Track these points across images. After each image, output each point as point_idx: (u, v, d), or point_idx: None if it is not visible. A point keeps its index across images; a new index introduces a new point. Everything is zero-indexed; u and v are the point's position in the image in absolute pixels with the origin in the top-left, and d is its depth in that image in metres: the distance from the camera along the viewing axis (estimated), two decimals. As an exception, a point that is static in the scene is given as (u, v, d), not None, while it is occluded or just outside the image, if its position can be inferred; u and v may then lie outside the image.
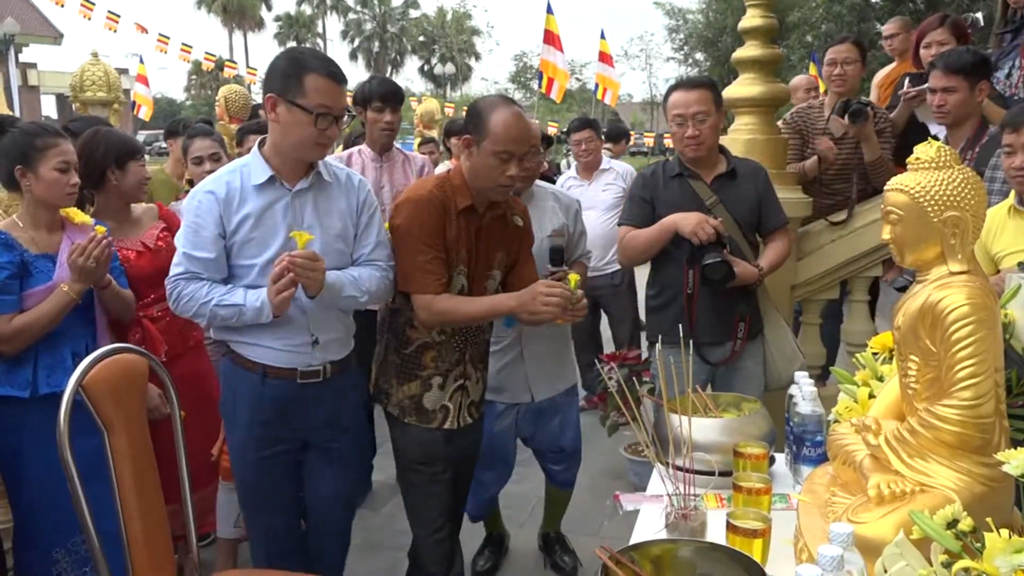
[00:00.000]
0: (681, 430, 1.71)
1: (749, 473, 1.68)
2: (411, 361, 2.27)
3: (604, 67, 10.99)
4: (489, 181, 2.17)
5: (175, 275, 2.11)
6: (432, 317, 2.18)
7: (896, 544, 1.16)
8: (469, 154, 2.19)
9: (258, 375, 2.14)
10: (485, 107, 2.18)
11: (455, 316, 2.19)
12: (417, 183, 2.28)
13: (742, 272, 2.71)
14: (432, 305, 2.17)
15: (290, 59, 2.05)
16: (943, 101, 2.88)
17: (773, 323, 2.94)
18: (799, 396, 1.87)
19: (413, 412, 2.27)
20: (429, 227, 2.16)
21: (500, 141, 2.13)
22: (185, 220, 2.11)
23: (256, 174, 2.11)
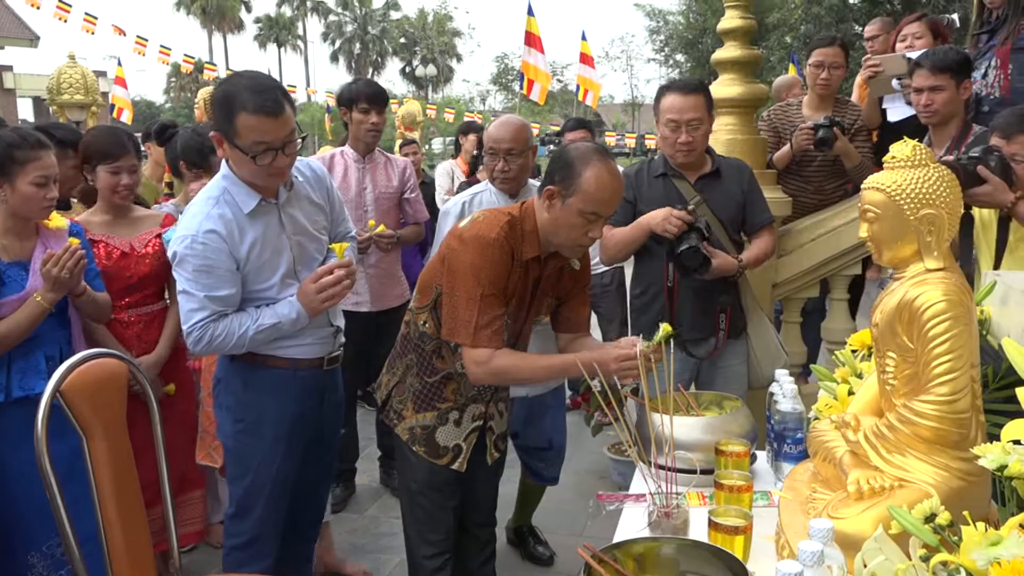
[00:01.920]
0: (663, 429, 1.71)
1: (731, 471, 1.69)
2: (432, 390, 2.15)
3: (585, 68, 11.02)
4: (568, 240, 2.00)
5: (200, 320, 2.11)
6: (486, 374, 1.99)
7: (875, 539, 1.17)
8: (550, 206, 1.98)
9: (290, 371, 2.26)
10: (578, 159, 1.96)
11: (513, 377, 2.02)
12: (485, 219, 2.01)
13: (721, 263, 2.70)
14: (491, 362, 1.96)
15: (223, 97, 2.04)
16: (930, 100, 2.87)
17: (757, 321, 2.97)
18: (780, 394, 1.88)
19: (423, 443, 2.16)
20: (497, 273, 1.96)
21: (591, 201, 1.94)
22: (189, 265, 2.10)
23: (245, 202, 2.14)
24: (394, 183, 3.65)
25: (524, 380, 2.07)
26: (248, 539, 2.33)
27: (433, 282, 2.09)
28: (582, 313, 2.27)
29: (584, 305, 2.28)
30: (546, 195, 2.00)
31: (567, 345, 2.24)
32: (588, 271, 2.26)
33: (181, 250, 2.11)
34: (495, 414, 2.26)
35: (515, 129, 2.81)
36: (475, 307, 1.95)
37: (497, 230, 1.98)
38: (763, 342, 2.96)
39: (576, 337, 2.25)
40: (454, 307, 1.98)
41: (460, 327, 1.97)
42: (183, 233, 2.12)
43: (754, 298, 3.00)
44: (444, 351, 2.12)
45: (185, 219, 2.15)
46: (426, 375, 2.15)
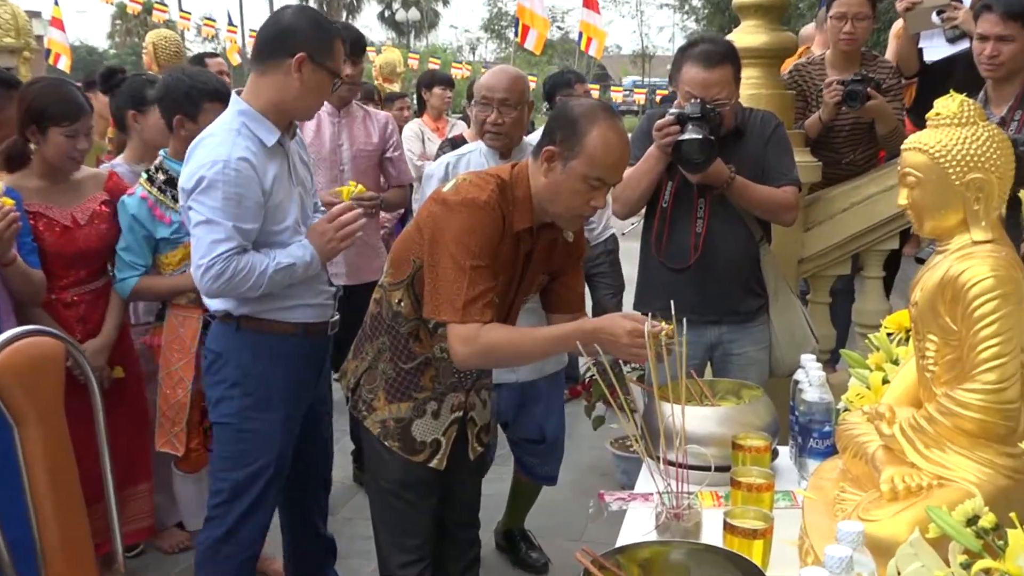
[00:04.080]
0: (673, 420, 1.72)
1: (749, 468, 1.70)
2: (407, 378, 2.15)
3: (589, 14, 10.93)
4: (567, 209, 1.99)
5: (225, 252, 2.23)
6: (475, 352, 1.94)
7: (911, 543, 1.18)
8: (549, 169, 1.97)
9: (298, 337, 2.40)
10: (582, 117, 1.94)
11: (506, 353, 1.99)
12: (472, 181, 2.01)
13: (714, 167, 2.65)
14: (480, 338, 1.93)
15: (315, 21, 2.29)
16: (996, 51, 2.76)
17: (783, 301, 2.96)
18: (806, 382, 1.89)
19: (397, 437, 2.15)
20: (488, 241, 1.95)
21: (596, 166, 1.92)
22: (219, 192, 2.21)
23: (267, 136, 2.30)
24: (374, 140, 3.63)
25: (519, 357, 2.07)
26: (233, 526, 2.44)
27: (409, 254, 2.07)
28: (576, 291, 2.26)
29: (578, 282, 2.27)
30: (544, 156, 1.98)
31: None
32: (582, 243, 2.26)
33: (211, 175, 2.21)
34: (476, 403, 2.26)
35: (511, 78, 2.82)
36: (463, 280, 1.92)
37: (488, 193, 1.97)
38: (788, 326, 2.96)
39: (572, 318, 2.24)
40: (438, 281, 1.96)
41: (445, 303, 1.95)
42: (212, 158, 2.22)
43: (778, 274, 3.00)
44: (422, 333, 2.11)
45: (209, 148, 2.25)
46: (401, 361, 2.14)
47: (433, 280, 1.97)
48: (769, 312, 2.95)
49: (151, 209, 2.86)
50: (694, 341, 2.83)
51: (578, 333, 1.94)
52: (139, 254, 2.87)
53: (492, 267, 1.97)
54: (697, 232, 2.79)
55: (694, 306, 2.76)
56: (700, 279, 2.80)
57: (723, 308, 2.85)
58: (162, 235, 2.88)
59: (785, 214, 2.85)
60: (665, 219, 2.82)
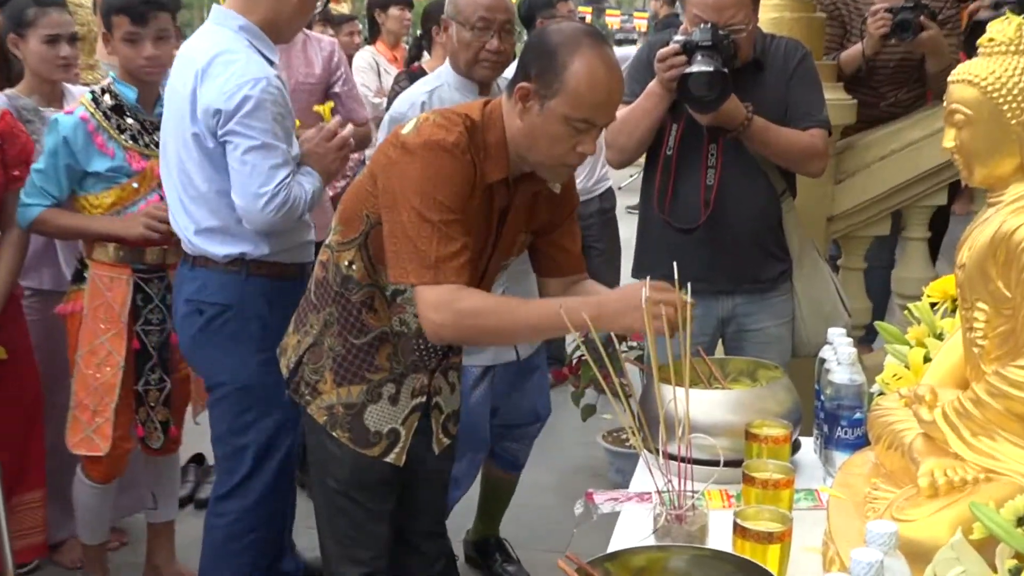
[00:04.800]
0: (676, 406, 1.74)
1: (765, 461, 1.72)
2: (360, 356, 2.15)
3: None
4: (549, 157, 1.99)
5: (285, 178, 2.49)
6: (451, 320, 1.94)
7: (952, 546, 1.20)
8: (524, 110, 1.96)
9: (301, 280, 2.49)
10: (561, 45, 1.93)
11: (489, 324, 1.98)
12: (435, 121, 1.99)
13: (730, 105, 2.66)
14: (457, 303, 1.93)
15: None
16: None
17: (809, 267, 2.99)
18: (833, 360, 1.91)
19: (347, 427, 2.16)
20: (459, 190, 1.95)
21: (580, 104, 1.91)
22: (269, 112, 2.45)
23: (271, 53, 2.55)
24: (316, 71, 3.62)
25: (503, 332, 2.07)
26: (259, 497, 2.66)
27: (361, 208, 2.08)
28: (571, 250, 2.27)
29: (574, 238, 2.27)
30: (518, 95, 1.97)
31: (559, 294, 2.24)
32: (574, 193, 2.26)
33: (258, 94, 2.42)
34: (443, 387, 2.28)
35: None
36: (432, 235, 1.93)
37: (456, 134, 1.96)
38: (815, 296, 3.00)
39: (571, 282, 2.25)
40: (400, 239, 1.96)
41: (412, 264, 1.95)
42: (252, 76, 2.43)
43: (804, 235, 3.02)
44: (376, 302, 2.12)
45: (239, 65, 2.45)
46: (351, 335, 2.15)
47: (395, 239, 1.97)
48: (792, 280, 2.98)
49: (91, 135, 2.82)
50: (703, 315, 2.86)
51: (579, 310, 1.88)
52: (54, 182, 2.84)
53: (464, 221, 1.97)
54: (708, 185, 2.80)
55: (703, 273, 2.78)
56: (711, 241, 2.82)
57: (738, 276, 2.88)
58: (96, 168, 2.84)
59: (812, 162, 2.87)
60: (669, 170, 2.83)
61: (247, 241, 2.56)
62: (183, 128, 2.53)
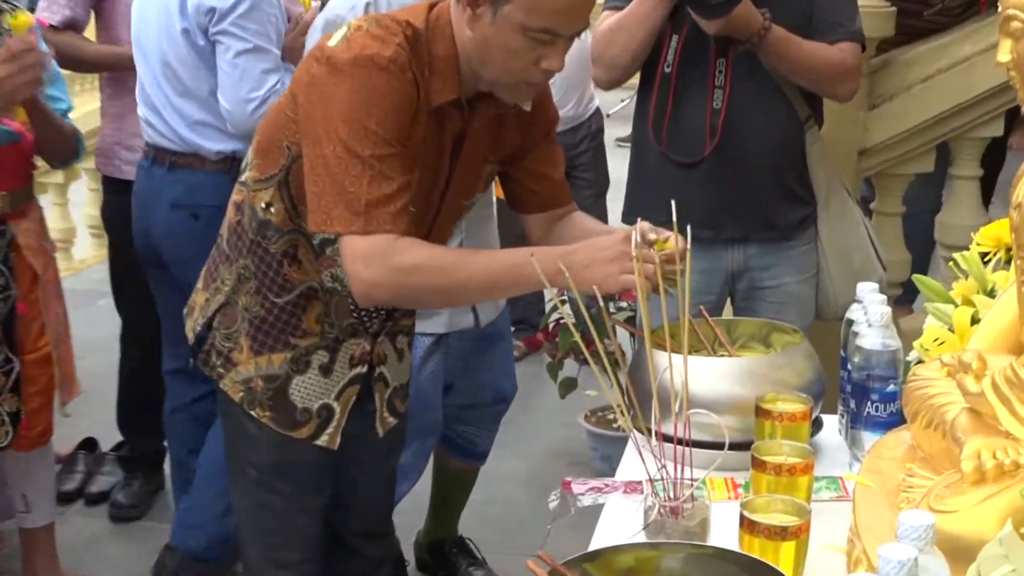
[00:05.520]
0: (672, 377, 1.74)
1: (779, 443, 1.72)
2: (283, 318, 2.15)
3: None
4: (506, 75, 1.99)
5: (275, 84, 2.86)
6: (384, 279, 1.93)
7: (1000, 541, 1.21)
8: (474, 18, 1.96)
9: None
10: None
11: (433, 282, 1.98)
12: (367, 31, 1.98)
13: (743, 9, 2.65)
14: (392, 256, 1.92)
15: None
16: None
17: (837, 210, 3.00)
18: (863, 322, 1.92)
19: (268, 404, 2.17)
20: (397, 116, 1.94)
21: (540, 11, 1.91)
22: (262, 14, 2.80)
23: None
24: None
25: (453, 291, 2.05)
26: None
27: (281, 138, 2.06)
28: (552, 175, 2.26)
29: (554, 161, 2.27)
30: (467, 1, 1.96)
31: (545, 233, 2.24)
32: (550, 108, 2.25)
33: None
34: (389, 354, 2.28)
35: None
36: (363, 174, 1.92)
37: (394, 48, 1.94)
38: (844, 246, 3.01)
39: (555, 217, 2.25)
40: (322, 178, 1.95)
41: (338, 208, 1.94)
42: None
43: (832, 173, 3.03)
44: (301, 251, 2.11)
45: None
46: (272, 292, 2.15)
47: (317, 178, 1.96)
48: (817, 227, 2.99)
49: None
50: (709, 269, 2.88)
51: (548, 262, 1.88)
52: None
53: (404, 156, 1.96)
54: (715, 109, 2.80)
55: (709, 217, 2.79)
56: (718, 179, 2.82)
57: (751, 221, 2.89)
58: None
59: (841, 83, 2.87)
60: (668, 90, 2.82)
61: (240, 140, 2.80)
62: (169, 22, 2.89)
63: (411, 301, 2.17)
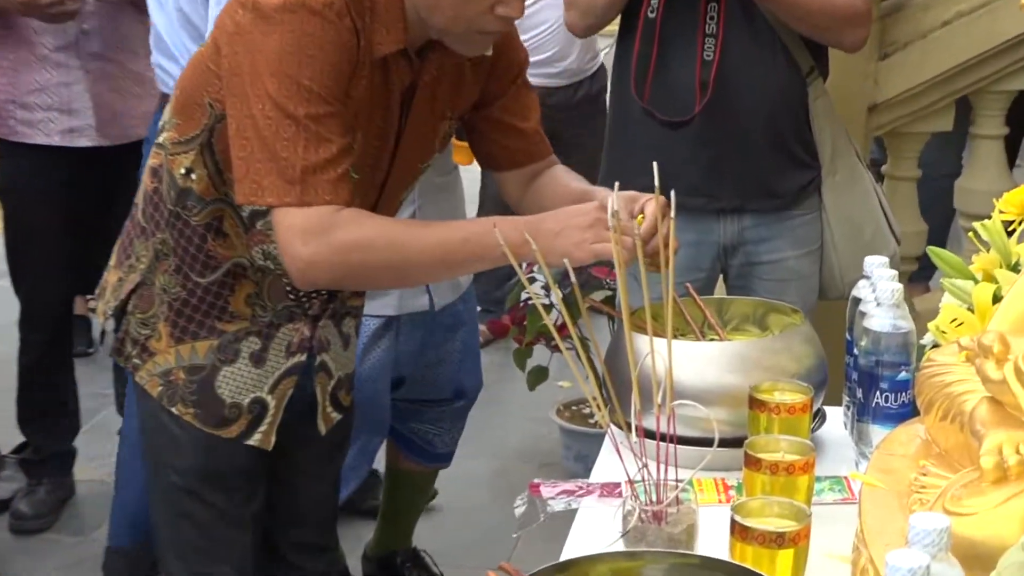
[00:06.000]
0: (654, 363, 1.74)
1: (776, 438, 1.73)
2: (208, 300, 2.15)
3: None
4: (458, 21, 2.00)
5: None
6: (323, 257, 1.94)
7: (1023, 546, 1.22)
8: None
9: None
10: None
11: (379, 260, 1.99)
12: None
13: None
14: (332, 231, 1.93)
15: None
16: None
17: (845, 175, 3.01)
18: (871, 300, 1.93)
19: (192, 400, 2.16)
20: (332, 71, 1.94)
21: None
22: None
23: None
24: None
25: (403, 271, 2.06)
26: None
27: (202, 94, 2.06)
28: (523, 126, 2.27)
29: (524, 109, 2.27)
30: None
31: (522, 193, 2.26)
32: (515, 48, 2.26)
33: None
34: (333, 341, 2.28)
35: None
36: (297, 137, 1.92)
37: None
38: (852, 217, 3.03)
39: (532, 174, 2.26)
40: (251, 142, 1.95)
41: (269, 177, 1.94)
42: None
43: (839, 131, 3.04)
44: (227, 223, 2.11)
45: None
46: (193, 271, 2.14)
47: (245, 141, 1.96)
48: (822, 194, 3.00)
49: None
50: (698, 240, 2.89)
51: (511, 232, 1.88)
52: None
53: (344, 114, 1.96)
54: (705, 60, 2.80)
55: (699, 184, 2.79)
56: (710, 139, 2.84)
57: (748, 187, 2.90)
58: None
59: (848, 30, 2.87)
60: (652, 39, 2.82)
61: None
62: None
63: (356, 281, 2.17)
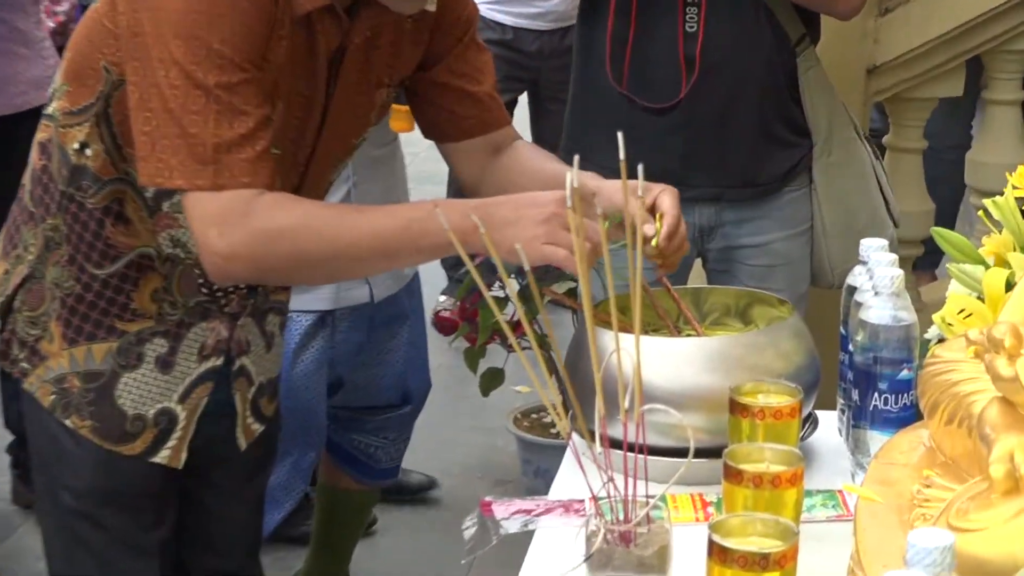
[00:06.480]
0: (620, 362, 1.74)
1: (760, 446, 1.74)
2: (107, 295, 2.16)
3: None
4: None
5: None
6: (246, 249, 1.95)
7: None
8: None
9: None
10: None
11: (310, 249, 2.00)
12: None
13: None
14: (251, 216, 1.94)
15: None
16: None
17: (841, 151, 3.05)
18: (869, 288, 1.94)
19: (88, 411, 2.16)
20: (246, 32, 1.95)
21: None
22: None
23: None
24: None
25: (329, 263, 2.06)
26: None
27: (98, 57, 2.06)
28: (474, 90, 2.29)
29: (475, 73, 2.29)
30: None
31: (480, 171, 2.28)
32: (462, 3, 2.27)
33: None
34: (253, 341, 2.29)
35: None
36: (208, 107, 1.92)
37: None
38: (847, 196, 3.06)
39: (491, 147, 2.29)
40: (156, 114, 1.95)
41: (177, 156, 1.94)
42: None
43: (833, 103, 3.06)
44: (129, 208, 2.12)
45: None
46: (90, 262, 2.15)
47: (148, 114, 1.96)
48: (812, 170, 3.03)
49: None
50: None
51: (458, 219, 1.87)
52: None
53: (261, 81, 1.97)
54: (688, 33, 2.83)
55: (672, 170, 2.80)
56: (688, 124, 2.88)
57: (727, 175, 2.94)
58: None
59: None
60: (628, 13, 2.83)
61: None
62: None
63: (280, 276, 2.17)
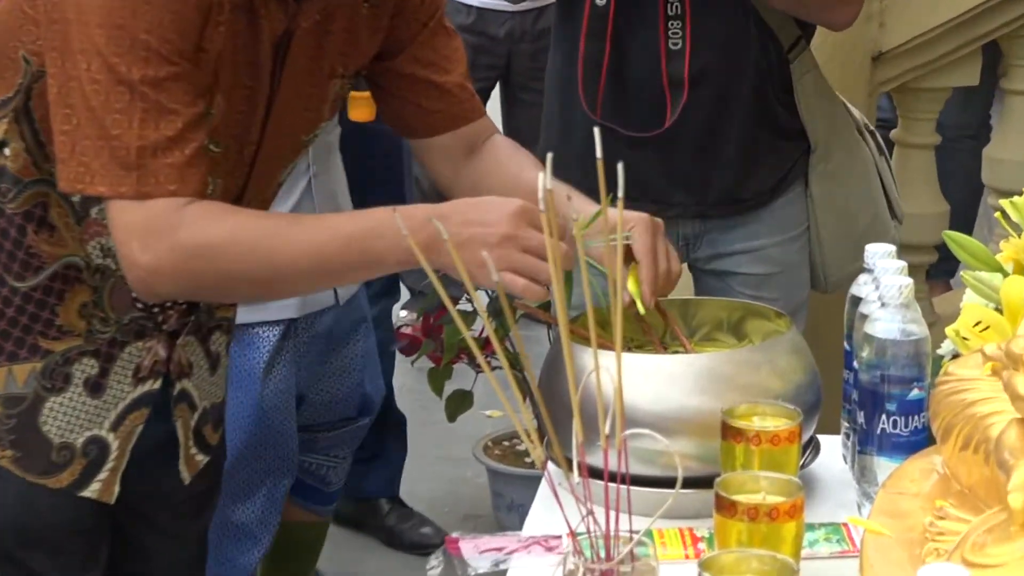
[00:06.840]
0: (599, 382, 1.74)
1: (755, 475, 1.75)
2: (28, 310, 2.17)
3: None
4: None
5: None
6: (171, 265, 1.96)
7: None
8: None
9: None
10: None
11: (244, 268, 2.02)
12: None
13: None
14: (180, 228, 1.95)
15: None
16: None
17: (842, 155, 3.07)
18: (874, 299, 1.95)
19: (9, 440, 2.18)
20: (176, 13, 1.96)
21: None
22: None
23: None
24: None
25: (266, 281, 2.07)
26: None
27: (16, 46, 2.08)
28: (442, 81, 2.31)
29: (443, 62, 2.31)
30: None
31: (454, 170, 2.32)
32: None
33: None
34: (196, 362, 2.31)
35: None
36: (132, 105, 1.93)
37: None
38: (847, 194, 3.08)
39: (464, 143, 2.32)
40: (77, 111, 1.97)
41: (100, 159, 1.95)
42: None
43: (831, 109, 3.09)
44: (54, 213, 2.14)
45: None
46: (10, 273, 2.16)
47: (71, 110, 1.97)
48: (809, 172, 3.05)
49: None
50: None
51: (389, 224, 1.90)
52: None
53: (194, 76, 1.98)
54: (672, 50, 2.84)
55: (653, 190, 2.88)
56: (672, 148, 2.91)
57: (712, 195, 2.97)
58: None
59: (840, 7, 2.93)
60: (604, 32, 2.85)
61: None
62: None
63: (211, 293, 2.17)
